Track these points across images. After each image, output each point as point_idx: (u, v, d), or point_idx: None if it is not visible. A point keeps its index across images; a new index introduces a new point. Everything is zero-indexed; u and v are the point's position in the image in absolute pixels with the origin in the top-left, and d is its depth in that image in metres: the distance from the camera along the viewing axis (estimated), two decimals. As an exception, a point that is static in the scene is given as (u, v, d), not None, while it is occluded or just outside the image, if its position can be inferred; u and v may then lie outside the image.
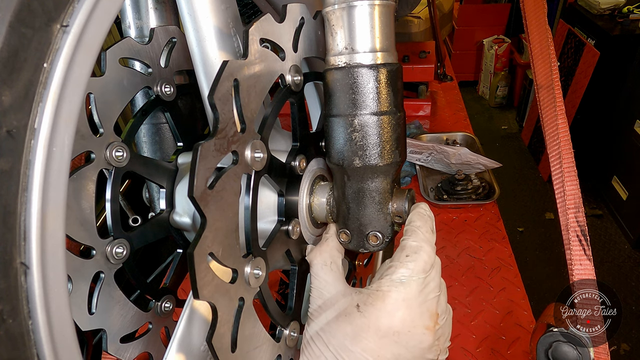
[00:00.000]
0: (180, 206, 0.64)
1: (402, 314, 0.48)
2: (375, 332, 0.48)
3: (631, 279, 2.75)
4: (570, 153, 0.70)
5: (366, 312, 0.49)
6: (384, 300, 0.49)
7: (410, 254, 0.50)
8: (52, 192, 0.34)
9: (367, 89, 0.51)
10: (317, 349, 0.50)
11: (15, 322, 0.32)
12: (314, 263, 0.56)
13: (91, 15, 0.37)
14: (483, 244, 1.44)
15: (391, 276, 0.50)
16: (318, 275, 0.55)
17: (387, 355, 0.48)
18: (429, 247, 0.51)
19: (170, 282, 0.67)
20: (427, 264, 0.50)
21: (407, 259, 0.50)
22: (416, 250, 0.50)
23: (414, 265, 0.49)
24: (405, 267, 0.49)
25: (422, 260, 0.50)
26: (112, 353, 0.57)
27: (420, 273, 0.49)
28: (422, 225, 0.52)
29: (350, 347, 0.48)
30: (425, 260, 0.50)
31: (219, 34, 0.53)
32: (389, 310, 0.48)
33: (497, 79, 4.77)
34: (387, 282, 0.49)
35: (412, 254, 0.50)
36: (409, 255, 0.50)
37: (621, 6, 3.29)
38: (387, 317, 0.48)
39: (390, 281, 0.49)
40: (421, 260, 0.50)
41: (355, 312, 0.49)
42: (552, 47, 0.77)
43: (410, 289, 0.49)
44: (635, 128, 2.87)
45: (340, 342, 0.49)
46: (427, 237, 0.52)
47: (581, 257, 0.64)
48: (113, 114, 0.55)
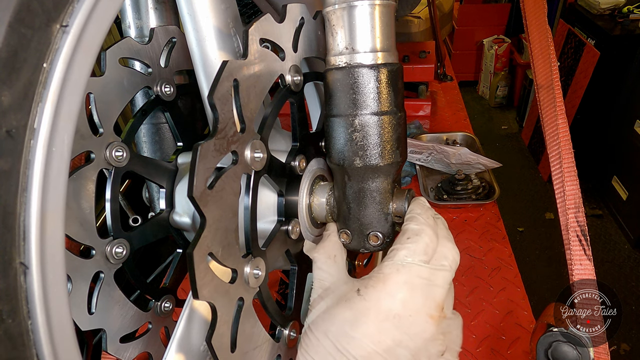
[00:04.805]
0: (180, 206, 0.64)
1: (404, 295, 0.47)
2: (375, 315, 0.46)
3: (631, 279, 2.75)
4: (570, 153, 0.70)
5: (366, 295, 0.47)
6: (384, 282, 0.47)
7: (412, 236, 0.49)
8: (51, 192, 0.34)
9: (368, 89, 0.51)
10: (314, 339, 0.49)
11: (14, 322, 0.32)
12: (317, 257, 0.55)
13: (91, 15, 0.37)
14: (483, 244, 1.43)
15: (392, 259, 0.49)
16: (321, 267, 0.54)
17: (387, 340, 0.46)
18: (430, 230, 0.50)
19: (170, 282, 0.67)
20: (429, 247, 0.49)
21: (408, 241, 0.49)
22: (417, 233, 0.50)
23: (415, 247, 0.49)
24: (407, 249, 0.48)
25: (423, 242, 0.49)
26: (111, 353, 0.57)
27: (422, 255, 0.48)
28: (423, 213, 0.52)
29: (350, 332, 0.46)
30: (426, 242, 0.49)
31: (219, 34, 0.53)
32: (389, 291, 0.47)
33: (497, 79, 4.77)
34: (388, 265, 0.48)
35: (414, 236, 0.49)
36: (410, 237, 0.49)
37: (621, 6, 3.29)
38: (388, 298, 0.47)
39: (392, 264, 0.48)
40: (422, 242, 0.49)
41: (356, 296, 0.48)
42: (552, 47, 0.77)
43: (412, 272, 0.48)
44: (635, 128, 2.87)
45: (340, 329, 0.47)
46: (428, 222, 0.51)
47: (581, 257, 0.64)
48: (113, 113, 0.56)
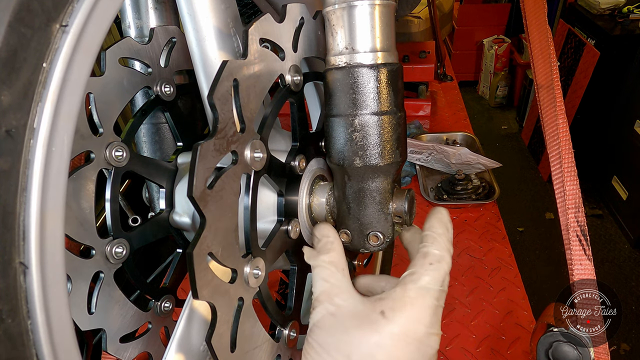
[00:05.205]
0: (179, 206, 0.64)
1: (428, 321, 0.47)
2: (404, 339, 0.46)
3: (631, 279, 2.75)
4: (570, 153, 0.70)
5: (394, 318, 0.47)
6: (412, 306, 0.47)
7: (434, 262, 0.49)
8: (51, 191, 0.34)
9: (368, 88, 0.51)
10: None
11: (14, 322, 0.32)
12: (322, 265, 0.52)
13: (90, 15, 0.37)
14: (483, 244, 1.44)
15: (416, 283, 0.49)
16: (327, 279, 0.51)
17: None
18: (449, 257, 0.51)
19: (169, 282, 0.67)
20: (447, 275, 0.50)
21: (431, 268, 0.49)
22: (439, 260, 0.50)
23: (437, 275, 0.49)
24: (430, 276, 0.49)
25: (444, 270, 0.49)
26: (111, 353, 0.57)
27: (441, 283, 0.49)
28: (443, 233, 0.52)
29: (377, 356, 0.46)
30: (446, 270, 0.50)
31: (219, 33, 0.53)
32: (417, 317, 0.47)
33: (497, 79, 4.77)
34: (413, 288, 0.48)
35: (436, 263, 0.49)
36: (432, 263, 0.49)
37: (621, 6, 3.29)
38: (416, 324, 0.47)
39: (417, 288, 0.48)
40: (443, 270, 0.49)
41: (381, 319, 0.47)
42: (552, 47, 0.77)
43: (433, 297, 0.48)
44: (635, 128, 2.87)
45: (365, 352, 0.46)
46: (448, 247, 0.51)
47: (581, 257, 0.64)
48: (113, 113, 0.55)
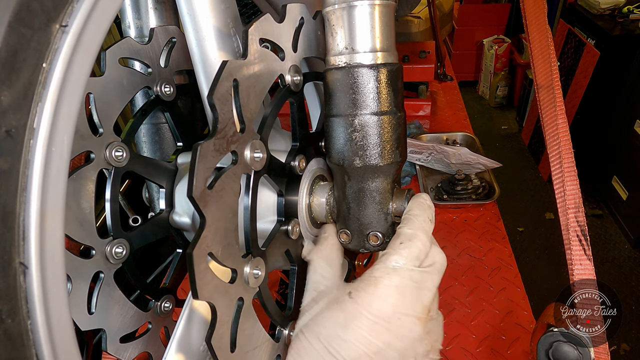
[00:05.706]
0: (179, 206, 0.64)
1: (394, 299, 0.47)
2: (367, 318, 0.47)
3: (631, 279, 2.75)
4: (570, 153, 0.70)
5: (358, 298, 0.48)
6: (376, 285, 0.48)
7: (405, 241, 0.50)
8: (51, 191, 0.34)
9: (368, 88, 0.51)
10: (306, 342, 0.49)
11: (14, 322, 0.32)
12: (313, 260, 0.55)
13: (90, 15, 0.37)
14: (483, 244, 1.43)
15: (384, 263, 0.49)
16: (317, 271, 0.55)
17: (378, 343, 0.47)
18: (423, 236, 0.50)
19: (169, 282, 0.67)
20: (422, 252, 0.50)
21: (401, 247, 0.49)
22: (410, 238, 0.50)
23: (407, 253, 0.49)
24: (399, 255, 0.49)
25: (416, 248, 0.49)
26: (111, 353, 0.57)
27: (414, 260, 0.49)
28: (420, 214, 0.52)
29: (342, 335, 0.47)
30: (419, 248, 0.49)
31: (219, 34, 0.53)
32: (380, 295, 0.47)
33: (497, 79, 4.77)
34: (379, 268, 0.49)
35: (406, 241, 0.50)
36: (402, 242, 0.50)
37: (621, 6, 3.29)
38: (379, 302, 0.47)
39: (383, 267, 0.49)
40: (415, 248, 0.49)
41: (347, 299, 0.48)
42: (552, 47, 0.77)
43: (403, 276, 0.48)
44: (635, 128, 2.87)
45: (332, 332, 0.47)
46: (423, 226, 0.51)
47: (581, 257, 0.64)
48: (113, 113, 0.55)
